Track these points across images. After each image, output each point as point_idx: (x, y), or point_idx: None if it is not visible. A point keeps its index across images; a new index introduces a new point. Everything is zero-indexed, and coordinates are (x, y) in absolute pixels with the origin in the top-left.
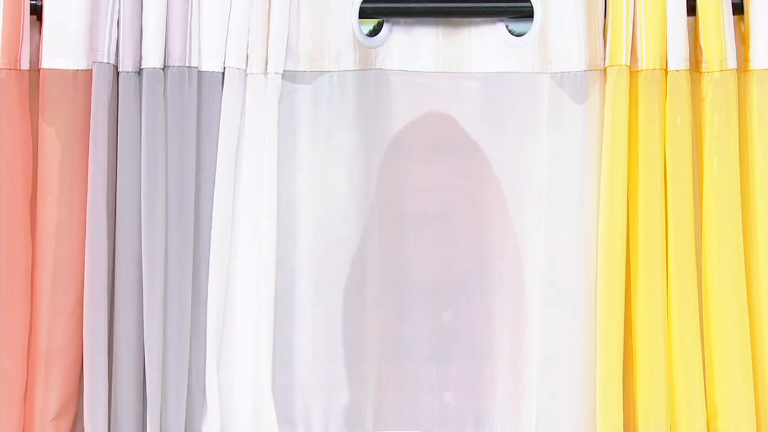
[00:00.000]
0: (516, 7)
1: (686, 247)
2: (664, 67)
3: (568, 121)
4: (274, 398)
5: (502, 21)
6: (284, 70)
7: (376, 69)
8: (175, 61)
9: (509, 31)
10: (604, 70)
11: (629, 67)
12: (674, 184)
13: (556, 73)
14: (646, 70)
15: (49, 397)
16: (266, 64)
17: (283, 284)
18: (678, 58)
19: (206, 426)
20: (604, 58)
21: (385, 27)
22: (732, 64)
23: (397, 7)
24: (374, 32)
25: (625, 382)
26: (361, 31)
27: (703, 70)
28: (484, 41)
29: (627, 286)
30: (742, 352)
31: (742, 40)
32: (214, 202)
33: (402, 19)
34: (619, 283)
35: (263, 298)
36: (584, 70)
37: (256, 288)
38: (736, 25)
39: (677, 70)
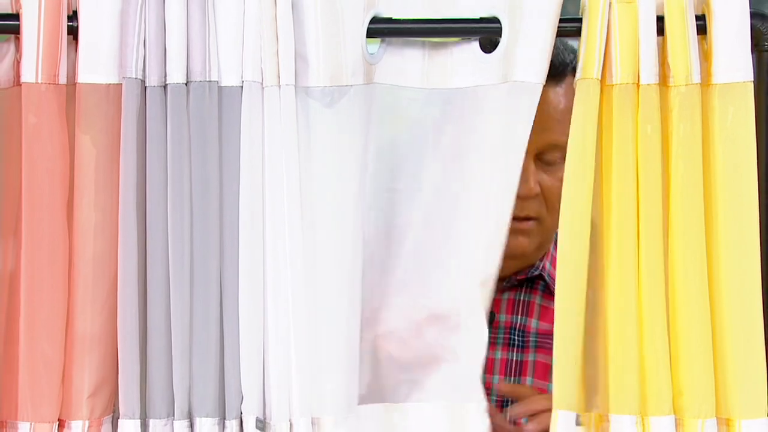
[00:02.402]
0: (487, 27)
1: (655, 243)
2: (636, 82)
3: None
4: (306, 383)
5: (475, 40)
6: (308, 86)
7: (375, 83)
8: (196, 76)
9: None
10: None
11: (600, 80)
12: (645, 186)
13: (517, 82)
14: (621, 84)
15: (85, 378)
16: (278, 77)
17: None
18: (649, 73)
19: (245, 408)
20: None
21: (381, 46)
22: (696, 78)
23: (395, 28)
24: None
25: (600, 365)
26: (367, 50)
27: (670, 84)
28: (461, 59)
29: (602, 280)
30: (704, 338)
31: (705, 57)
32: (240, 205)
33: (395, 39)
34: (582, 275)
35: (292, 294)
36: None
37: (286, 285)
38: (700, 44)
39: (648, 84)
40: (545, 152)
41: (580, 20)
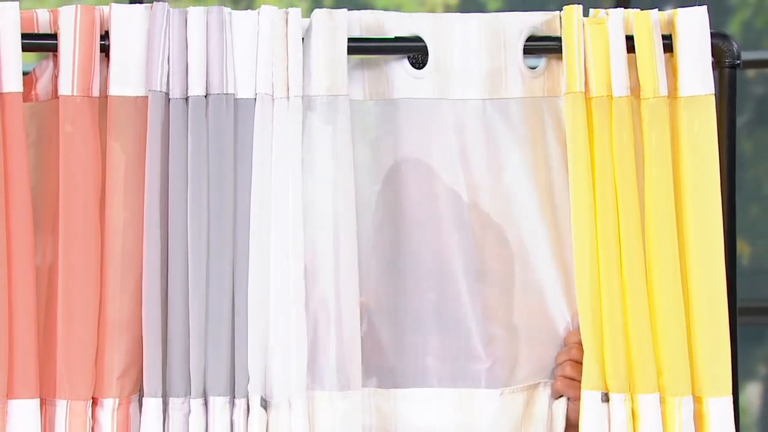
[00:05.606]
0: (413, 46)
1: (634, 239)
2: (610, 94)
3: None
4: (303, 366)
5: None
6: (309, 96)
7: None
8: (215, 89)
9: (412, 65)
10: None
11: (584, 93)
12: (622, 189)
13: (457, 99)
14: (597, 96)
15: (115, 360)
16: (288, 89)
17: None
18: (621, 87)
19: (251, 388)
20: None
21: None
22: (663, 92)
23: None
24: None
25: None
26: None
27: (641, 97)
28: (396, 72)
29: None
30: (679, 324)
31: (671, 72)
32: (251, 206)
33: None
34: (594, 272)
35: (294, 288)
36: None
37: (288, 280)
38: (667, 61)
39: (620, 97)
40: None
41: (559, 39)
